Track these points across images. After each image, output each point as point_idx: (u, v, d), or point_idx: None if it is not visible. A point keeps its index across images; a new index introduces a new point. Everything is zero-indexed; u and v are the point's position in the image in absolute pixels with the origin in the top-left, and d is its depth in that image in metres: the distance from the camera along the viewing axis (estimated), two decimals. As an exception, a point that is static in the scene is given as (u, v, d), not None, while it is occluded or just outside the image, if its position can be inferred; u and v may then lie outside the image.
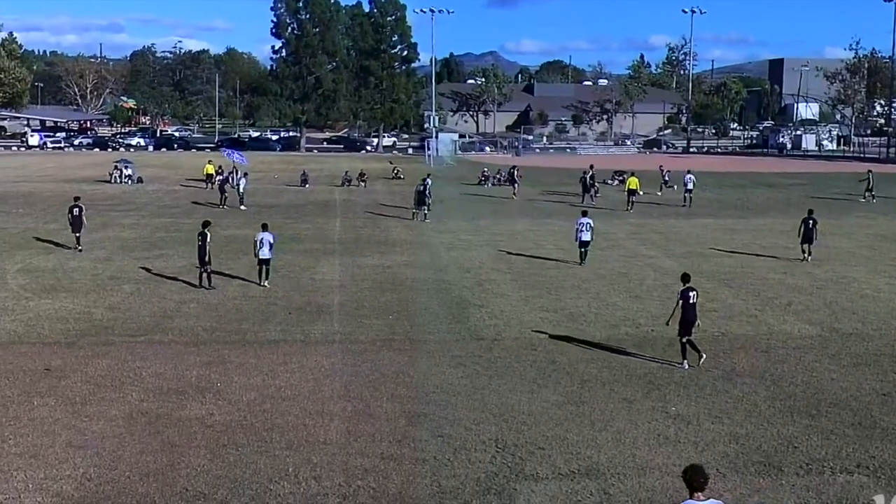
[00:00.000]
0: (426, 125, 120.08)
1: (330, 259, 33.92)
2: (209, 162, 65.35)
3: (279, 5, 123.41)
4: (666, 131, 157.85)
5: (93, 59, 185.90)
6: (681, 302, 19.98)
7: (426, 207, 46.09)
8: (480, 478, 14.09)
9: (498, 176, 68.16)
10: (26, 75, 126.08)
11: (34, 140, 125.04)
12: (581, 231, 32.56)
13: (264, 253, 28.29)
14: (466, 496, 13.48)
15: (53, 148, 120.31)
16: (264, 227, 29.03)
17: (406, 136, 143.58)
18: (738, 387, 18.58)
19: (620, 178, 64.75)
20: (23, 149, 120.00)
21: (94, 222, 39.71)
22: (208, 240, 28.00)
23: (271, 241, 28.55)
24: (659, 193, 58.88)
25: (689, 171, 55.53)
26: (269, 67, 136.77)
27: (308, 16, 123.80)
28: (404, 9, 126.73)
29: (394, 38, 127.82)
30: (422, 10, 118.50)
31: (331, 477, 14.06)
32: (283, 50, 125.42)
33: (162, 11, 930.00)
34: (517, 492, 13.65)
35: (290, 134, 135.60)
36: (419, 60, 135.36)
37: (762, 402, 17.63)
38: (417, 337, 22.50)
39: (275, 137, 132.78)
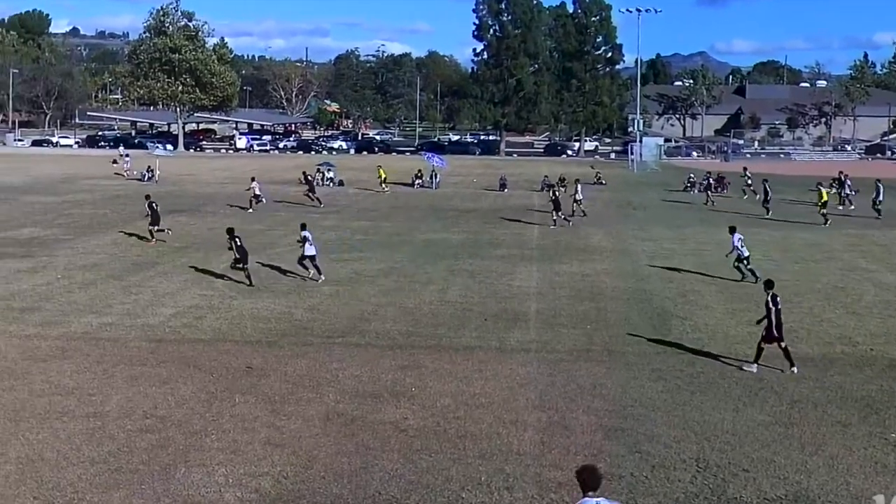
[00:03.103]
0: (630, 129, 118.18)
1: (527, 265, 33.60)
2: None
3: (481, 7, 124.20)
4: (891, 136, 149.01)
5: (298, 63, 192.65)
6: (773, 309, 19.69)
7: (563, 213, 45.76)
8: (679, 498, 13.49)
9: (704, 182, 65.71)
10: (235, 79, 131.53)
11: (241, 143, 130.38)
12: (741, 247, 30.64)
13: (310, 250, 29.46)
14: (665, 519, 12.86)
15: (259, 151, 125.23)
16: (303, 227, 30.22)
17: (608, 140, 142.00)
18: (970, 415, 17.08)
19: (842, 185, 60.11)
20: (231, 151, 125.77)
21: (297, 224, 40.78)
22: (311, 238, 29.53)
23: (309, 237, 29.64)
24: (840, 207, 53.74)
25: (878, 181, 51.57)
26: (469, 70, 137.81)
27: (510, 17, 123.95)
28: (609, 9, 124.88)
29: (598, 39, 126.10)
30: (627, 10, 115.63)
31: (523, 488, 13.76)
32: (485, 52, 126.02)
33: (366, 15, 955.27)
34: (720, 517, 12.93)
35: (490, 137, 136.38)
36: (624, 62, 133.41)
37: None
38: (616, 348, 21.87)
39: (474, 141, 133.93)
